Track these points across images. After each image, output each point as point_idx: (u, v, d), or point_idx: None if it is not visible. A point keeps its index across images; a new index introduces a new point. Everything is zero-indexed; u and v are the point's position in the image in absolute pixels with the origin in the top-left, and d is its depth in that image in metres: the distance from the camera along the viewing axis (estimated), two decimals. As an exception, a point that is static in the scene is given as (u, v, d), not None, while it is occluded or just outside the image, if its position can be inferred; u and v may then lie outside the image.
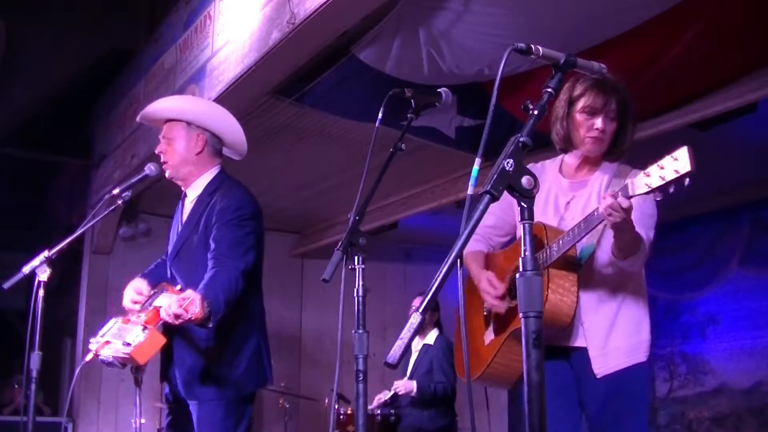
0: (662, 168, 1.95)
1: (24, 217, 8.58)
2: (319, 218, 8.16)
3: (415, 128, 2.62)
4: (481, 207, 1.48)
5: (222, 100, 4.88)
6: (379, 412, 5.72)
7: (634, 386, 2.43)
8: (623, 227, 2.19)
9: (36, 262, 2.99)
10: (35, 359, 2.97)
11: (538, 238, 2.45)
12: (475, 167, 1.64)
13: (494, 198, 1.49)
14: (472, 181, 1.64)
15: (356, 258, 2.32)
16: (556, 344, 2.47)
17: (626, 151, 2.53)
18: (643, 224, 2.35)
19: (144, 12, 8.61)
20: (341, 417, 5.76)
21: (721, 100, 4.55)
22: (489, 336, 2.61)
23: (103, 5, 8.20)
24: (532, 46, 1.69)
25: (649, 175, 2.00)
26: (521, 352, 2.39)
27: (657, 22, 3.99)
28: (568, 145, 2.55)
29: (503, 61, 1.65)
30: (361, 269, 2.33)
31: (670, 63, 4.25)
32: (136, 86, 6.90)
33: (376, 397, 5.79)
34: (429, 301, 1.45)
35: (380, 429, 5.68)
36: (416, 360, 5.76)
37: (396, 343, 1.44)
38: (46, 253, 3.00)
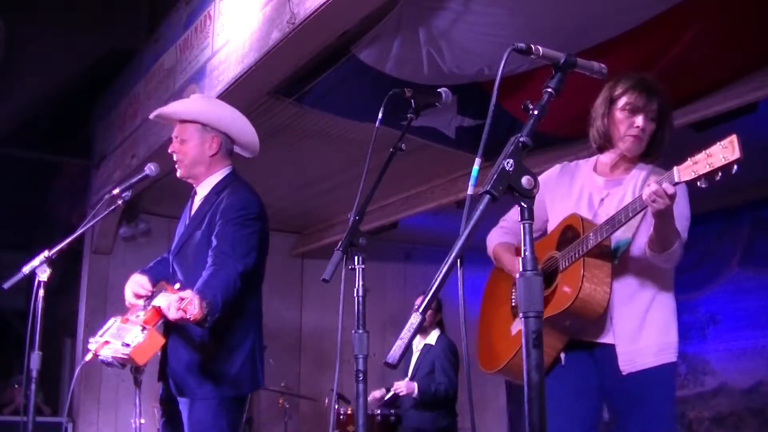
0: (710, 155, 1.99)
1: (24, 217, 8.58)
2: (319, 218, 8.16)
3: (415, 128, 2.62)
4: (481, 207, 1.48)
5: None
6: (379, 412, 5.72)
7: (661, 386, 2.42)
8: (665, 216, 2.19)
9: (36, 262, 2.99)
10: (35, 359, 2.97)
11: (575, 228, 2.47)
12: (475, 167, 1.65)
13: (494, 198, 1.49)
14: (472, 181, 1.64)
15: (356, 258, 2.32)
16: (583, 339, 2.46)
17: (661, 155, 2.55)
18: (682, 221, 2.37)
19: (144, 12, 8.61)
20: (341, 417, 5.76)
21: (721, 100, 4.55)
22: (516, 326, 2.61)
23: (103, 5, 8.20)
24: (532, 46, 1.69)
25: (696, 162, 2.02)
26: (551, 338, 2.43)
27: (657, 22, 3.99)
28: (606, 144, 2.56)
29: (503, 61, 1.65)
30: (361, 269, 2.33)
31: (670, 63, 4.24)
32: (136, 86, 6.90)
33: (372, 393, 5.77)
34: (429, 301, 1.45)
35: (380, 429, 5.68)
36: (417, 360, 5.76)
37: (396, 343, 1.44)
38: (46, 253, 3.00)
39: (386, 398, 5.75)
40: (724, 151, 1.95)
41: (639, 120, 2.48)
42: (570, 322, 2.41)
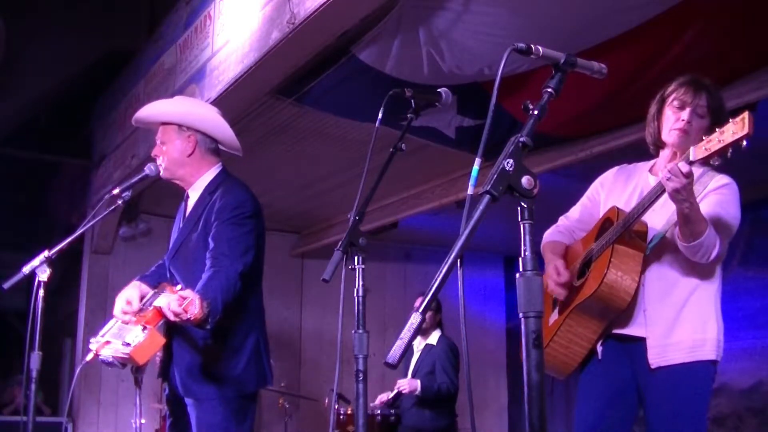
0: (723, 132, 2.00)
1: (24, 217, 8.58)
2: (319, 218, 8.16)
3: (415, 128, 2.62)
4: (481, 207, 1.48)
5: (222, 100, 4.89)
6: (379, 412, 5.72)
7: (694, 383, 2.39)
8: (683, 198, 2.18)
9: (36, 262, 2.99)
10: (35, 359, 2.97)
11: (611, 220, 2.49)
12: (475, 167, 1.64)
13: (494, 198, 1.49)
14: (472, 181, 1.64)
15: (356, 258, 2.32)
16: (616, 331, 2.46)
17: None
18: (724, 217, 2.35)
19: (144, 12, 8.61)
20: (341, 417, 5.76)
21: (721, 100, 4.55)
22: (554, 317, 2.62)
23: (103, 5, 8.21)
24: (532, 46, 1.68)
25: (710, 141, 2.03)
26: (583, 329, 2.43)
27: (657, 22, 3.99)
28: (659, 143, 2.58)
29: (503, 61, 1.65)
30: (361, 269, 2.33)
31: (670, 63, 4.24)
32: (136, 86, 6.90)
33: (379, 397, 5.79)
34: (429, 301, 1.45)
35: (380, 429, 5.68)
36: (418, 360, 5.77)
37: (396, 343, 1.44)
38: (46, 253, 3.00)
39: (389, 398, 5.75)
40: (735, 127, 1.97)
41: (685, 114, 2.48)
42: (600, 310, 2.40)
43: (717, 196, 2.41)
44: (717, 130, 2.03)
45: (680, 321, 2.41)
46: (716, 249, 2.32)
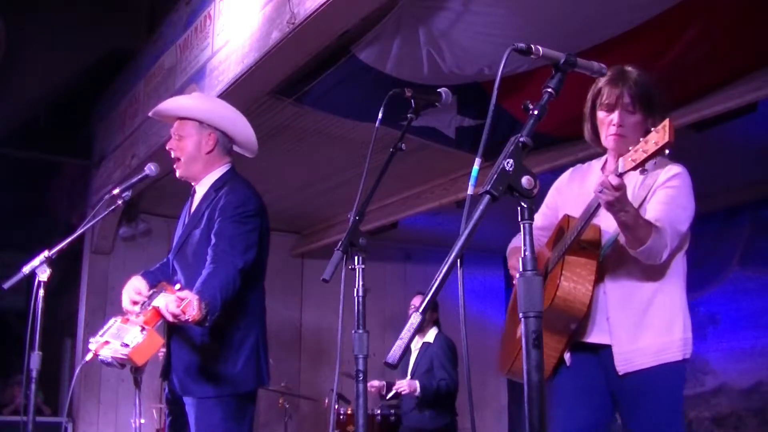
0: (646, 142, 1.95)
1: (24, 217, 8.57)
2: (319, 218, 8.16)
3: (415, 128, 2.62)
4: (481, 207, 1.48)
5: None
6: (379, 412, 5.73)
7: (664, 386, 2.37)
8: (618, 209, 2.14)
9: (36, 262, 2.99)
10: (35, 359, 2.97)
11: (563, 229, 2.45)
12: (475, 167, 1.64)
13: (494, 198, 1.49)
14: (472, 181, 1.63)
15: (356, 258, 2.32)
16: (582, 339, 2.43)
17: None
18: (672, 215, 2.31)
19: (144, 12, 8.61)
20: (341, 417, 5.77)
21: (721, 100, 4.55)
22: (521, 328, 2.61)
23: (103, 5, 8.21)
24: (532, 46, 1.68)
25: (636, 151, 1.99)
26: (548, 339, 2.40)
27: (657, 22, 3.99)
28: (599, 145, 2.53)
29: (503, 61, 1.65)
30: (361, 269, 2.33)
31: (670, 63, 4.24)
32: (136, 86, 6.90)
33: (370, 383, 5.75)
34: (429, 301, 1.45)
35: (380, 429, 5.68)
36: (416, 359, 5.77)
37: (396, 343, 1.44)
38: (46, 253, 3.00)
39: (388, 396, 5.75)
40: (657, 136, 1.92)
41: (615, 117, 2.42)
42: (559, 322, 2.37)
43: (666, 189, 2.35)
44: (642, 139, 1.99)
45: (644, 325, 2.38)
46: (667, 249, 2.27)
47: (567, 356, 2.48)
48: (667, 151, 1.91)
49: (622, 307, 2.39)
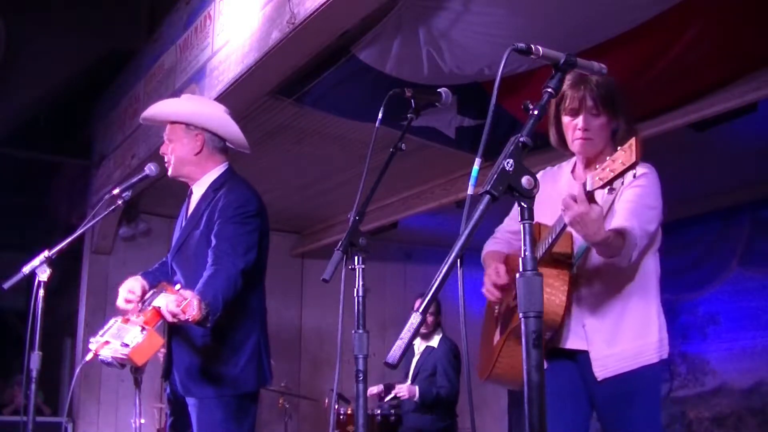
0: (614, 161, 1.89)
1: (24, 217, 8.58)
2: (319, 218, 8.16)
3: (415, 128, 2.61)
4: (481, 207, 1.48)
5: (222, 100, 4.88)
6: (379, 412, 5.72)
7: (641, 388, 2.38)
8: (581, 224, 2.07)
9: (36, 262, 2.99)
10: (35, 359, 2.97)
11: (535, 239, 2.42)
12: (475, 167, 1.64)
13: (494, 198, 1.49)
14: (472, 181, 1.63)
15: (356, 258, 2.32)
16: (559, 346, 2.43)
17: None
18: (639, 215, 2.28)
19: (144, 12, 8.61)
20: (341, 417, 5.76)
21: (721, 100, 4.55)
22: (497, 336, 2.61)
23: (103, 5, 8.20)
24: (532, 46, 1.68)
25: (604, 169, 1.94)
26: (520, 354, 2.41)
27: (657, 22, 3.99)
28: (566, 149, 2.50)
29: (503, 61, 1.64)
30: (361, 269, 2.32)
31: (670, 63, 4.25)
32: (136, 86, 6.90)
33: (368, 390, 5.76)
34: (429, 301, 1.45)
35: (380, 429, 5.68)
36: (419, 362, 5.76)
37: (396, 343, 1.44)
38: (46, 253, 3.00)
39: (386, 399, 5.75)
40: (624, 156, 1.85)
41: (580, 121, 2.39)
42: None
43: (634, 189, 2.32)
44: (608, 158, 1.91)
45: (620, 330, 2.38)
46: (636, 250, 2.25)
47: (544, 363, 2.48)
48: (632, 172, 1.85)
49: (597, 314, 2.40)
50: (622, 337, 2.38)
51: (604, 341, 2.38)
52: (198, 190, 3.03)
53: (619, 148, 1.87)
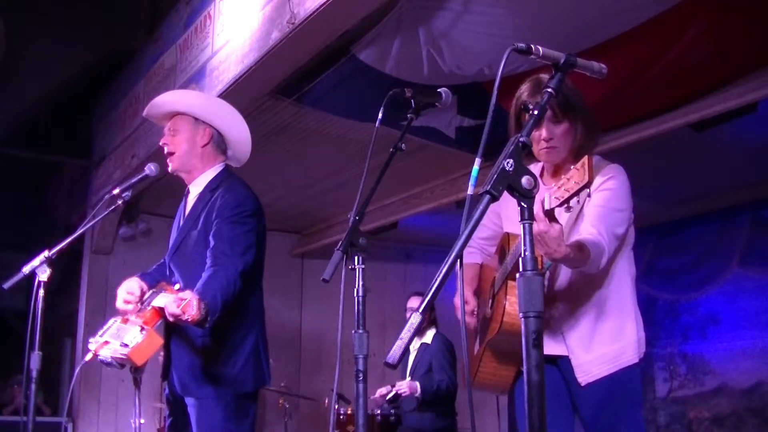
0: (569, 179, 1.84)
1: (24, 217, 8.58)
2: (319, 218, 8.16)
3: (415, 128, 2.61)
4: (481, 207, 1.48)
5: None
6: (379, 412, 5.72)
7: (624, 390, 2.39)
8: (541, 243, 2.02)
9: (36, 262, 2.99)
10: (35, 359, 2.97)
11: (505, 249, 2.44)
12: (475, 167, 1.64)
13: (494, 198, 1.49)
14: (472, 181, 1.63)
15: (356, 258, 2.31)
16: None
17: (589, 146, 2.40)
18: (607, 219, 2.27)
19: (144, 12, 8.60)
20: (341, 417, 5.76)
21: (721, 100, 4.55)
22: (476, 347, 2.63)
23: (103, 5, 8.20)
24: (532, 46, 1.68)
25: (559, 188, 1.88)
26: (499, 363, 2.42)
27: (657, 22, 3.99)
28: (531, 158, 2.44)
29: (503, 61, 1.64)
30: (361, 269, 2.32)
31: (670, 63, 4.24)
32: (136, 86, 6.90)
33: (378, 391, 5.77)
34: (429, 301, 1.45)
35: (380, 429, 5.68)
36: (415, 359, 5.77)
37: (396, 343, 1.44)
38: (46, 253, 3.00)
39: (387, 397, 5.75)
40: (578, 175, 1.81)
41: (543, 131, 2.36)
42: (512, 342, 2.32)
43: (602, 192, 2.32)
44: (564, 176, 1.87)
45: (598, 334, 2.38)
46: (605, 255, 2.23)
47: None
48: (587, 191, 1.81)
49: (574, 320, 2.40)
50: (600, 341, 2.39)
51: (582, 347, 2.39)
52: (195, 190, 3.02)
53: (572, 167, 1.84)
